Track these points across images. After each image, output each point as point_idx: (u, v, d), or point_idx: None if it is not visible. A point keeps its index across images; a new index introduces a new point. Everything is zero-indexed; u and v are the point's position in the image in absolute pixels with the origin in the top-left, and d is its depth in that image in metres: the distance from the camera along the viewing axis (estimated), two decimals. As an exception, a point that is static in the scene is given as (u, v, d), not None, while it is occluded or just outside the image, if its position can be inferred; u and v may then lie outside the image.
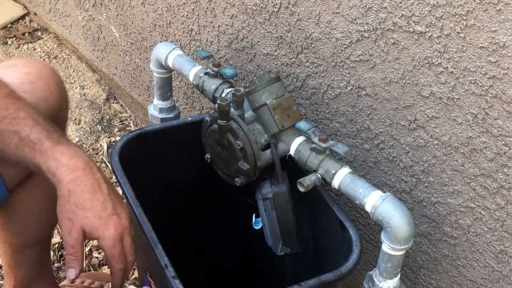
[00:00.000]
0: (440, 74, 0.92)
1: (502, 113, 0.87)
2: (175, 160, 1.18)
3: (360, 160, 1.15)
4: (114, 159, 1.04)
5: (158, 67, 1.24)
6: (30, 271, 1.24)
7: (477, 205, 0.98)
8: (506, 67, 0.83)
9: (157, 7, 1.54)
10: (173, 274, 0.86)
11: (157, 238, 0.91)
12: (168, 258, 0.87)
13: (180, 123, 1.17)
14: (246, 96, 1.01)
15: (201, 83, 1.14)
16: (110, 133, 1.97)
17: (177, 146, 1.16)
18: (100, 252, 1.59)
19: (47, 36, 2.42)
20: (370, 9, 0.97)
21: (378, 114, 1.06)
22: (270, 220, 1.01)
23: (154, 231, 0.92)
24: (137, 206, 0.96)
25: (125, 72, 1.90)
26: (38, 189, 1.09)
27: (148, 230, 0.92)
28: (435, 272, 1.13)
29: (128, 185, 0.99)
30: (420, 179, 1.05)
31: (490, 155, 0.92)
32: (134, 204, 0.96)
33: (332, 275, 0.87)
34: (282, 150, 1.01)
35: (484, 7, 0.82)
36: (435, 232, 1.08)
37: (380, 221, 0.89)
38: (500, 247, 0.98)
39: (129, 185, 0.99)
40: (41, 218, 1.13)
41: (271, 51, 1.22)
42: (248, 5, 1.21)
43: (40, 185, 1.09)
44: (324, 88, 1.14)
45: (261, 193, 1.01)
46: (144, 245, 1.04)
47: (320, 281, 0.86)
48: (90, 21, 1.94)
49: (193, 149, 1.13)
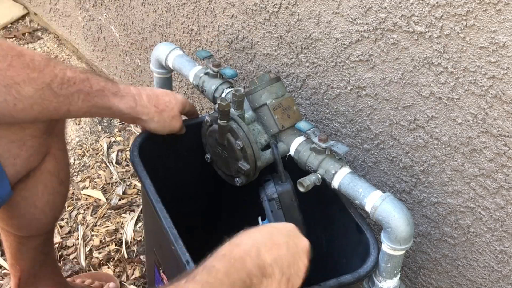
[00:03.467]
0: (440, 74, 0.92)
1: (502, 113, 0.87)
2: (188, 158, 1.18)
3: (360, 160, 1.15)
4: (134, 153, 1.04)
5: (158, 67, 1.24)
6: (35, 261, 1.25)
7: (477, 205, 0.98)
8: (506, 67, 0.83)
9: (157, 7, 1.54)
10: None
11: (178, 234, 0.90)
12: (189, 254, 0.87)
13: (198, 121, 1.17)
14: (246, 96, 1.01)
15: (201, 83, 1.15)
16: (110, 133, 1.97)
17: (192, 144, 1.16)
18: (100, 252, 1.59)
19: (47, 36, 2.42)
20: (370, 9, 0.97)
21: (378, 114, 1.06)
22: (277, 220, 1.01)
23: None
24: (158, 201, 0.95)
25: (125, 72, 1.90)
26: (40, 185, 1.10)
27: (169, 225, 0.91)
28: (435, 272, 1.13)
29: (148, 180, 0.99)
30: (420, 179, 1.05)
31: (490, 155, 0.92)
32: (155, 199, 0.95)
33: (351, 276, 0.88)
34: (282, 150, 1.01)
35: (484, 7, 0.82)
36: (435, 232, 1.08)
37: (380, 221, 0.89)
38: (500, 247, 0.98)
39: (149, 181, 0.98)
40: (45, 213, 1.14)
41: (271, 51, 1.22)
42: (248, 5, 1.21)
43: (42, 181, 1.09)
44: (324, 88, 1.14)
45: (266, 194, 1.01)
46: (161, 241, 1.04)
47: (339, 282, 0.87)
48: (90, 21, 1.95)
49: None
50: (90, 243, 1.61)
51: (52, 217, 1.18)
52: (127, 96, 0.99)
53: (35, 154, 1.02)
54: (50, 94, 0.88)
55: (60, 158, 1.10)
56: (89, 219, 1.68)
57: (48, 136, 1.03)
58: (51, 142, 1.06)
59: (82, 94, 0.92)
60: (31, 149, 1.00)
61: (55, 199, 1.14)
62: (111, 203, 1.72)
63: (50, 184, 1.11)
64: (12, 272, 1.28)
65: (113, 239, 1.62)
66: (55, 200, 1.14)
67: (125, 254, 1.57)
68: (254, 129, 1.01)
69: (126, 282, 1.51)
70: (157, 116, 1.03)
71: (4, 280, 1.49)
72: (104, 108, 0.96)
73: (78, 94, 0.92)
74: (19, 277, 1.27)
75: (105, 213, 1.70)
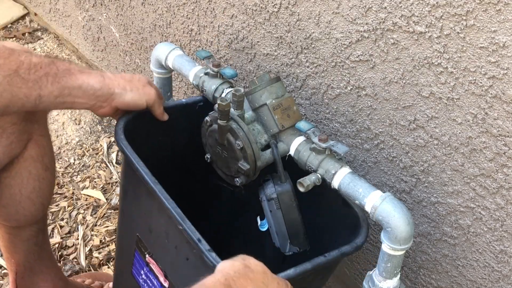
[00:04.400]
0: (440, 74, 0.92)
1: (502, 113, 0.87)
2: (168, 141, 1.17)
3: (360, 160, 1.15)
4: (120, 136, 1.01)
5: (158, 67, 1.25)
6: (30, 254, 1.25)
7: (477, 205, 0.98)
8: (506, 67, 0.83)
9: (157, 7, 1.54)
10: (207, 247, 0.84)
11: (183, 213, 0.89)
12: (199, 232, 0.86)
13: (176, 103, 1.17)
14: (246, 96, 1.01)
15: (201, 83, 1.15)
16: (110, 133, 1.97)
17: (172, 126, 1.15)
18: (100, 252, 1.59)
19: (47, 36, 2.42)
20: (370, 9, 0.97)
21: (378, 114, 1.06)
22: (276, 220, 1.02)
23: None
24: (156, 183, 0.93)
25: (125, 72, 1.90)
26: (25, 172, 1.10)
27: (173, 206, 0.89)
28: (435, 272, 1.13)
29: (141, 162, 0.96)
30: (420, 179, 1.05)
31: (490, 155, 0.92)
32: (152, 181, 0.93)
33: (350, 247, 0.93)
34: (282, 150, 1.01)
35: (484, 7, 0.82)
36: (435, 232, 1.08)
37: (380, 221, 0.89)
38: (500, 247, 0.98)
39: (142, 162, 0.96)
40: (32, 200, 1.14)
41: (271, 51, 1.22)
42: (248, 5, 1.21)
43: (27, 168, 1.09)
44: (324, 88, 1.14)
45: (265, 194, 1.01)
46: (151, 225, 1.03)
47: (341, 252, 0.93)
48: (90, 21, 1.95)
49: (185, 131, 1.16)
50: (90, 243, 1.61)
51: (40, 204, 1.17)
52: (93, 73, 0.98)
53: (16, 141, 1.02)
54: (18, 80, 0.88)
55: (43, 144, 1.10)
56: (89, 219, 1.68)
57: (28, 122, 1.04)
58: (32, 128, 1.06)
59: (50, 76, 0.91)
60: (11, 136, 1.01)
61: (41, 186, 1.14)
62: (111, 203, 1.72)
63: (34, 171, 1.11)
64: (8, 267, 1.28)
65: (113, 239, 1.62)
66: (41, 186, 1.14)
67: (125, 254, 1.57)
68: (254, 129, 1.01)
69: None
70: (128, 85, 1.01)
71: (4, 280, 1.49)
72: (75, 87, 0.94)
73: (46, 77, 0.91)
74: (15, 272, 1.27)
75: (105, 213, 1.70)
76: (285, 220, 1.01)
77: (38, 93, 0.90)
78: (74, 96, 0.95)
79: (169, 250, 0.98)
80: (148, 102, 1.04)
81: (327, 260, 0.91)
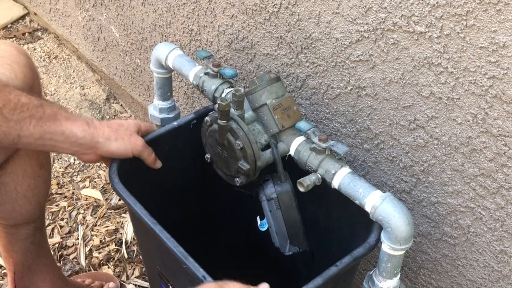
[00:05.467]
0: (440, 74, 0.92)
1: (502, 113, 0.87)
2: (169, 166, 1.15)
3: (360, 160, 1.15)
4: (115, 180, 1.01)
5: (158, 67, 1.24)
6: (27, 253, 1.25)
7: (477, 205, 0.98)
8: (506, 67, 0.83)
9: (157, 7, 1.54)
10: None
11: (186, 252, 0.88)
12: (203, 269, 0.85)
13: (167, 129, 1.14)
14: (246, 96, 1.01)
15: (201, 83, 1.15)
16: (110, 133, 1.96)
17: (168, 153, 1.14)
18: (100, 252, 1.59)
19: (47, 36, 2.42)
20: (370, 9, 0.97)
21: (378, 114, 1.06)
22: (275, 220, 1.02)
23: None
24: (155, 224, 0.92)
25: (125, 72, 1.90)
26: (20, 170, 1.10)
27: (174, 245, 0.89)
28: (435, 272, 1.13)
29: (138, 204, 0.96)
30: (420, 179, 1.05)
31: (490, 155, 0.92)
32: (152, 223, 0.93)
33: (363, 249, 0.88)
34: (282, 150, 1.01)
35: (484, 7, 0.82)
36: (435, 232, 1.08)
37: (380, 221, 0.89)
38: (500, 247, 0.98)
39: (139, 205, 0.96)
40: (28, 198, 1.14)
41: (271, 51, 1.22)
42: (248, 5, 1.21)
43: (22, 165, 1.10)
44: (324, 88, 1.14)
45: (265, 194, 1.01)
46: (165, 260, 1.04)
47: (354, 257, 0.88)
48: (90, 21, 1.95)
49: (184, 152, 1.15)
50: (90, 243, 1.61)
51: (36, 202, 1.17)
52: (79, 120, 0.97)
53: None
54: (0, 118, 0.88)
55: None
56: (89, 219, 1.68)
57: None
58: None
59: (34, 119, 0.91)
60: None
61: (37, 183, 1.14)
62: (111, 203, 1.72)
63: (29, 168, 1.11)
64: (6, 266, 1.28)
65: (113, 239, 1.62)
66: (37, 184, 1.14)
67: (125, 254, 1.57)
68: (254, 129, 1.01)
69: (126, 282, 1.51)
70: (114, 134, 1.00)
71: (4, 280, 1.49)
72: (57, 133, 0.94)
73: (30, 119, 0.91)
74: (13, 271, 1.27)
75: (105, 213, 1.70)
76: (285, 220, 1.01)
77: (18, 133, 0.90)
78: (55, 140, 0.95)
79: (186, 285, 0.98)
80: (134, 152, 1.03)
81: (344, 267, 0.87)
